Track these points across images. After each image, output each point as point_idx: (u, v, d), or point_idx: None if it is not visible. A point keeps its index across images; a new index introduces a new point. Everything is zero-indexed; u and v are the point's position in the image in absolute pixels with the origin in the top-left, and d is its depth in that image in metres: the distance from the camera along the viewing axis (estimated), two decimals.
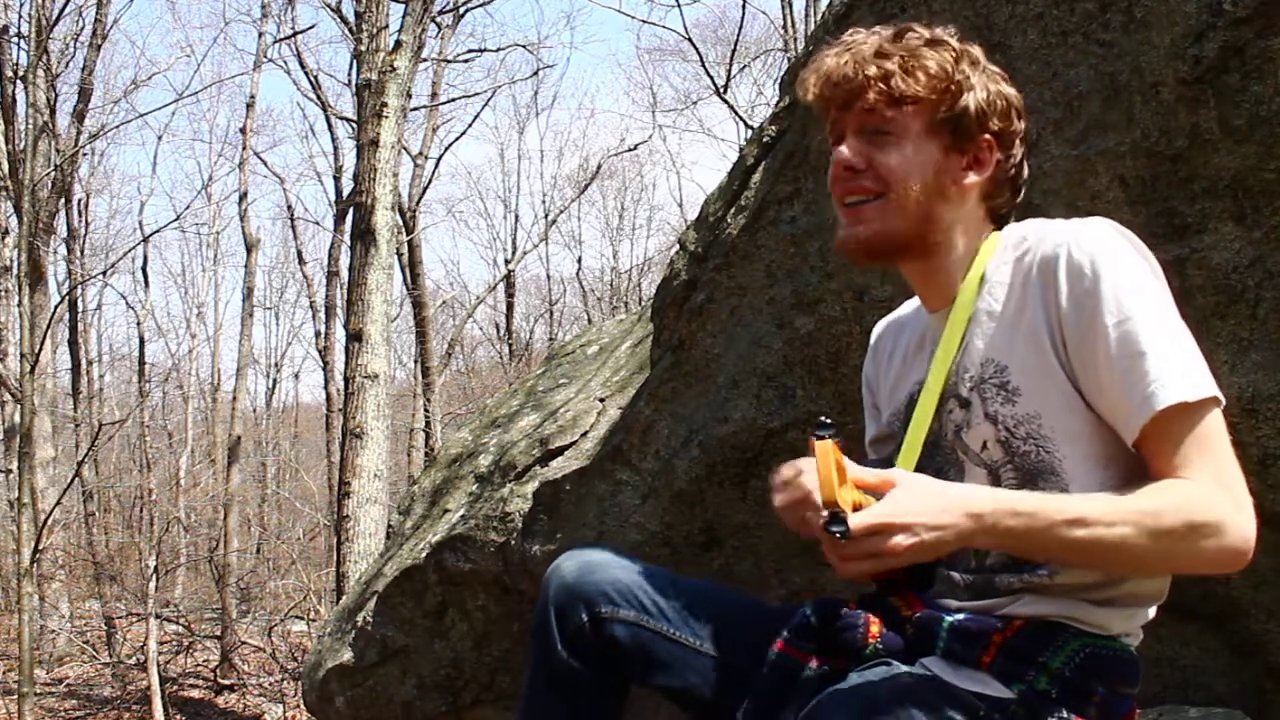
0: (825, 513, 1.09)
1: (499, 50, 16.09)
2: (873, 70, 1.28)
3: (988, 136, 1.31)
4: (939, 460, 1.31)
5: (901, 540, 1.09)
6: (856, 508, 1.10)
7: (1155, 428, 1.15)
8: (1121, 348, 1.16)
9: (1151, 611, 1.28)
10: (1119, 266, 1.18)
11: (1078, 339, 1.19)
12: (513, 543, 3.30)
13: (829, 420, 1.11)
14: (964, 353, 1.28)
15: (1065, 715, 1.19)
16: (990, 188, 1.33)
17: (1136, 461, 1.19)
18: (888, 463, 1.33)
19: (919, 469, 1.27)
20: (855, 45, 1.31)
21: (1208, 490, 1.13)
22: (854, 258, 1.34)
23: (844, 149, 1.31)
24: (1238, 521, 1.12)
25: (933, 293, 1.36)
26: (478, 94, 17.91)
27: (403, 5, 9.32)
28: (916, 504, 1.11)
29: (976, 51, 1.34)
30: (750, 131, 3.82)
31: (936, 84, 1.28)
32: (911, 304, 1.48)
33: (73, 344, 17.30)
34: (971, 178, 1.31)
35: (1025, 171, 1.36)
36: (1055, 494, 1.18)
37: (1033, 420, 1.22)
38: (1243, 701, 2.12)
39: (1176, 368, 1.14)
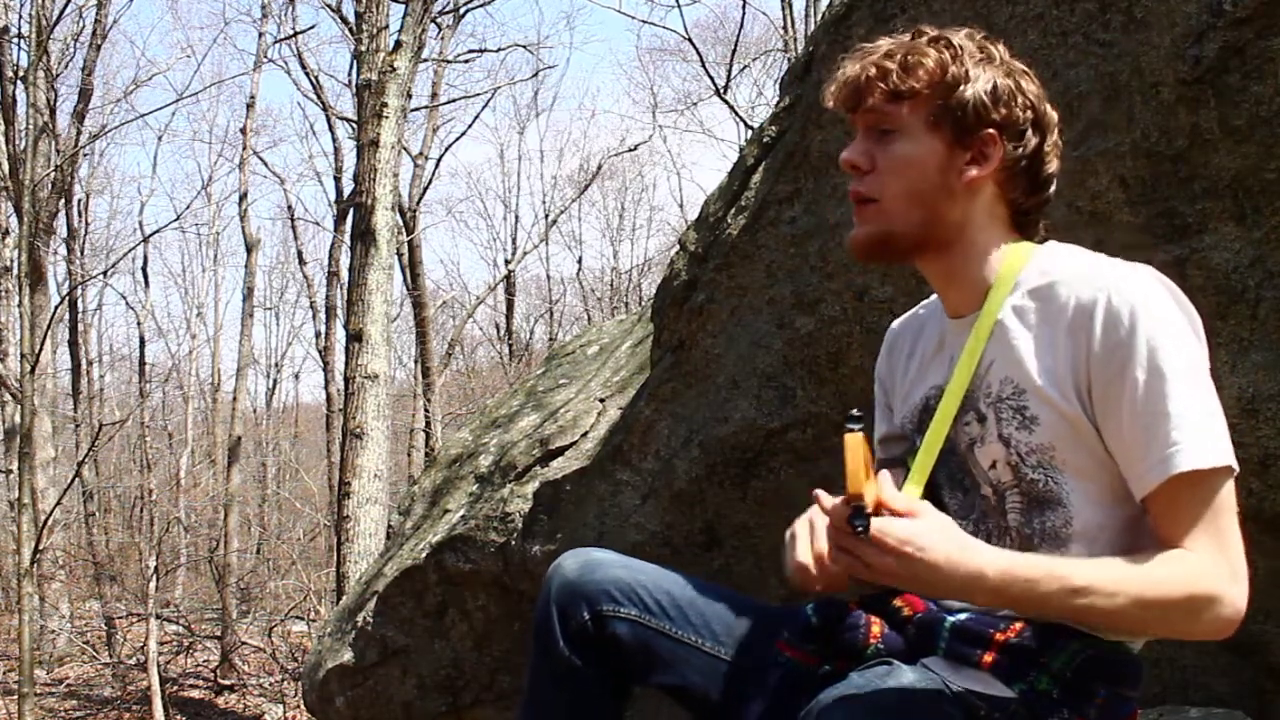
0: (849, 505, 1.08)
1: (499, 50, 16.11)
2: (873, 70, 1.29)
3: (990, 130, 1.28)
4: (951, 467, 1.31)
5: (890, 563, 1.09)
6: (877, 505, 1.10)
7: (1166, 490, 1.15)
8: (1147, 404, 1.15)
9: None
10: (1156, 320, 1.16)
11: (1104, 385, 1.18)
12: (513, 543, 3.31)
13: (859, 413, 1.09)
14: (986, 366, 1.27)
15: (1066, 716, 1.19)
16: (1003, 180, 1.31)
17: (1142, 506, 1.20)
18: (900, 462, 1.34)
19: (933, 476, 1.27)
20: (869, 50, 1.32)
21: (1207, 563, 1.14)
22: (856, 257, 1.36)
23: (850, 148, 1.32)
24: (1232, 594, 1.15)
25: (955, 296, 1.34)
26: (478, 94, 17.91)
27: (403, 5, 9.33)
28: (928, 539, 1.10)
29: (996, 49, 1.33)
30: (750, 132, 3.82)
31: (933, 78, 1.28)
32: (930, 303, 1.46)
33: (73, 344, 17.30)
34: (976, 172, 1.29)
35: (1049, 166, 1.33)
36: (1060, 559, 1.18)
37: (1046, 451, 1.22)
38: (1243, 701, 2.12)
39: (1197, 433, 1.14)
